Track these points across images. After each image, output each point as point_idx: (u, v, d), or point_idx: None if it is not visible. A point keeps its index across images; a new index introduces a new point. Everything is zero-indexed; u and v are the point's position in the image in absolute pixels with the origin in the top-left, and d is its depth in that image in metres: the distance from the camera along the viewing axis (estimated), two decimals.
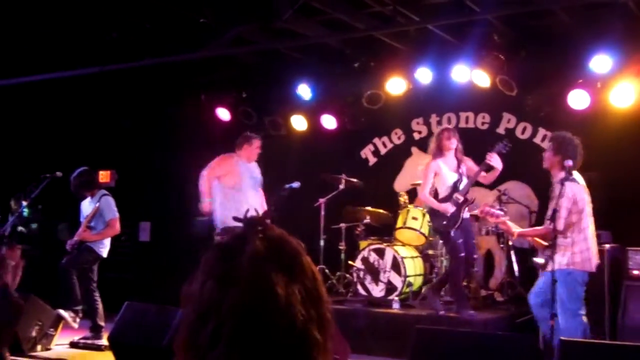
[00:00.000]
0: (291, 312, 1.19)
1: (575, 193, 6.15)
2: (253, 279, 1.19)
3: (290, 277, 1.22)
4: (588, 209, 6.29)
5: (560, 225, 6.04)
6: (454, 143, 7.90)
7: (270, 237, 1.26)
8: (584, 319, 6.14)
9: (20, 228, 11.80)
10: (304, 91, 10.40)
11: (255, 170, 8.59)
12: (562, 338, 5.13)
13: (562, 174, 6.23)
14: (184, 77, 11.13)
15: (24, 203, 9.29)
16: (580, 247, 6.13)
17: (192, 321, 1.19)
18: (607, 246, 7.64)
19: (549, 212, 6.15)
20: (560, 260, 6.06)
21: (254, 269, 1.20)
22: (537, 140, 9.52)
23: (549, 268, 5.96)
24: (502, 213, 6.61)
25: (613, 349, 5.28)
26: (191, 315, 1.20)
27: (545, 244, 6.22)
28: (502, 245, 9.04)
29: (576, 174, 6.34)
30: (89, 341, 8.18)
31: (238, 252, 1.23)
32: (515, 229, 6.48)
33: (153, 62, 9.56)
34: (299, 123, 10.80)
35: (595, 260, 6.23)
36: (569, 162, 6.18)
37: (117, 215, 8.48)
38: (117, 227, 8.49)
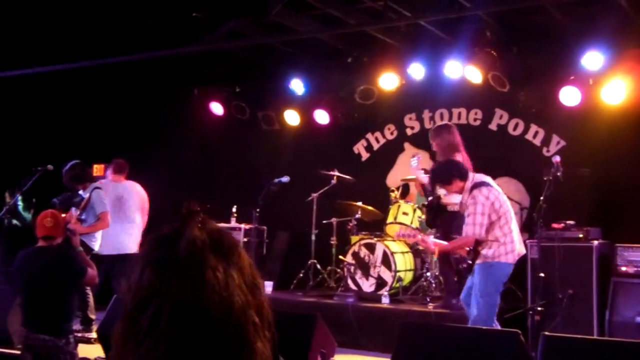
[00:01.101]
0: (229, 295, 1.20)
1: (487, 197, 6.15)
2: (191, 262, 1.21)
3: (228, 263, 1.24)
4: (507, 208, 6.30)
5: (480, 232, 6.09)
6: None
7: (208, 227, 1.28)
8: None
9: (14, 221, 11.82)
10: (297, 86, 10.42)
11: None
12: (546, 333, 5.15)
13: (469, 183, 6.25)
14: (177, 71, 11.14)
15: (18, 196, 9.31)
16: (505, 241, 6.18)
17: (132, 308, 1.21)
18: (596, 243, 7.65)
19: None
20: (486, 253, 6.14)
21: (192, 254, 1.22)
22: (529, 136, 9.53)
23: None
24: (415, 232, 6.73)
25: (596, 344, 5.30)
26: (131, 303, 1.21)
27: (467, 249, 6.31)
28: None
29: (483, 177, 6.36)
30: (79, 334, 8.18)
31: (176, 238, 1.24)
32: (435, 245, 6.47)
33: (147, 56, 9.56)
34: (291, 118, 10.82)
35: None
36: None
37: (107, 208, 8.49)
38: (108, 220, 8.50)
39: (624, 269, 7.28)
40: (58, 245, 6.05)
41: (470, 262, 6.29)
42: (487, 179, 6.40)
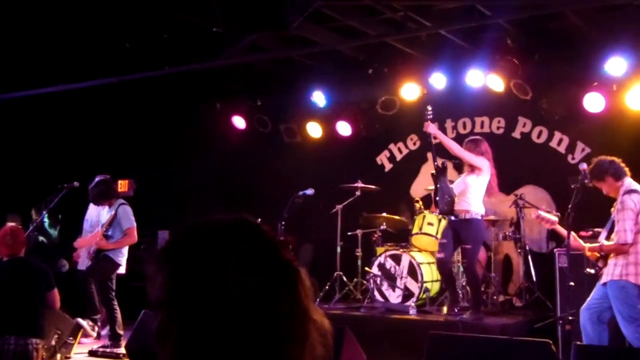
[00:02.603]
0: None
1: (636, 204, 6.10)
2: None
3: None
4: None
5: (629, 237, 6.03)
6: None
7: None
8: None
9: (40, 238, 11.94)
10: (319, 98, 10.44)
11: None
12: (577, 343, 5.11)
13: (622, 188, 6.20)
14: (200, 86, 11.21)
15: (44, 213, 9.40)
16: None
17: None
18: None
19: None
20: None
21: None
22: (553, 144, 9.47)
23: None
24: (556, 219, 6.61)
25: (629, 353, 5.24)
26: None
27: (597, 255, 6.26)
28: (519, 250, 8.99)
29: (634, 183, 6.29)
30: (108, 350, 8.24)
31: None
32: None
33: (170, 71, 9.64)
34: (314, 130, 10.84)
35: None
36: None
37: (134, 224, 8.53)
38: (135, 236, 8.54)
39: None
40: (21, 258, 6.42)
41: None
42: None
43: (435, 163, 7.84)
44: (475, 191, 7.68)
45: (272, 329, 1.19)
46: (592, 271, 6.34)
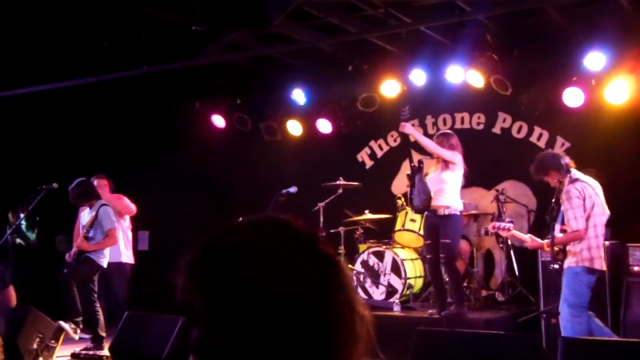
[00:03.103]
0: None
1: (580, 191, 6.22)
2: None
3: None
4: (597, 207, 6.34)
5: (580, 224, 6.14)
6: None
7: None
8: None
9: (18, 241, 11.78)
10: (299, 96, 10.41)
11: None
12: (565, 336, 5.14)
13: (567, 179, 6.29)
14: (179, 85, 11.13)
15: (22, 215, 9.28)
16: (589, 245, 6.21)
17: None
18: (607, 243, 7.62)
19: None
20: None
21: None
22: (533, 139, 9.53)
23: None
24: (510, 225, 6.67)
25: (616, 346, 5.28)
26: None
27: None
28: (501, 245, 9.04)
29: (578, 173, 6.38)
30: (91, 352, 8.16)
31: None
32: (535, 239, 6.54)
33: (148, 70, 9.56)
34: (294, 128, 10.81)
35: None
36: (566, 160, 6.24)
37: (116, 225, 8.46)
38: (116, 237, 8.47)
39: (636, 268, 7.27)
40: None
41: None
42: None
43: (412, 164, 7.87)
44: (452, 187, 7.73)
45: (320, 325, 1.16)
46: (557, 266, 6.40)
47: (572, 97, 8.70)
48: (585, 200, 6.21)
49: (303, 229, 1.25)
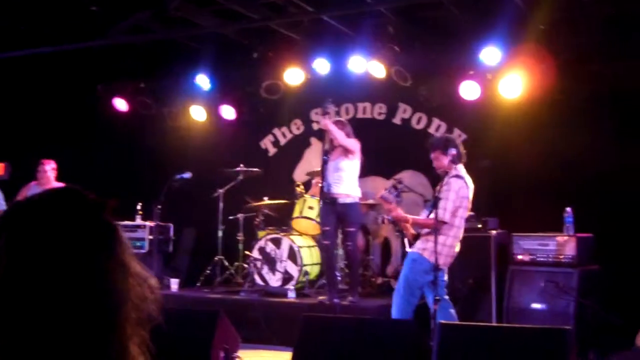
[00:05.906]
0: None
1: (459, 189, 6.31)
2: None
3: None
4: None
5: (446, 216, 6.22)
6: None
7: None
8: None
9: None
10: (203, 81, 10.30)
11: None
12: (442, 322, 5.28)
13: (453, 171, 6.39)
14: (80, 67, 10.84)
15: None
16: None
17: None
18: (494, 232, 7.88)
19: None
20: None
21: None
22: (431, 129, 9.72)
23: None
24: (394, 198, 6.69)
25: (491, 331, 5.45)
26: None
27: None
28: (397, 233, 9.19)
29: (463, 171, 6.49)
30: None
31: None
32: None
33: (47, 50, 9.30)
34: (198, 114, 10.71)
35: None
36: (453, 151, 6.36)
37: (5, 208, 8.23)
38: None
39: (520, 257, 7.50)
40: None
41: None
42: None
43: (324, 157, 7.92)
44: (351, 175, 7.84)
45: (91, 283, 1.30)
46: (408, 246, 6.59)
47: (469, 90, 8.90)
48: (461, 200, 6.32)
49: (90, 199, 1.40)
